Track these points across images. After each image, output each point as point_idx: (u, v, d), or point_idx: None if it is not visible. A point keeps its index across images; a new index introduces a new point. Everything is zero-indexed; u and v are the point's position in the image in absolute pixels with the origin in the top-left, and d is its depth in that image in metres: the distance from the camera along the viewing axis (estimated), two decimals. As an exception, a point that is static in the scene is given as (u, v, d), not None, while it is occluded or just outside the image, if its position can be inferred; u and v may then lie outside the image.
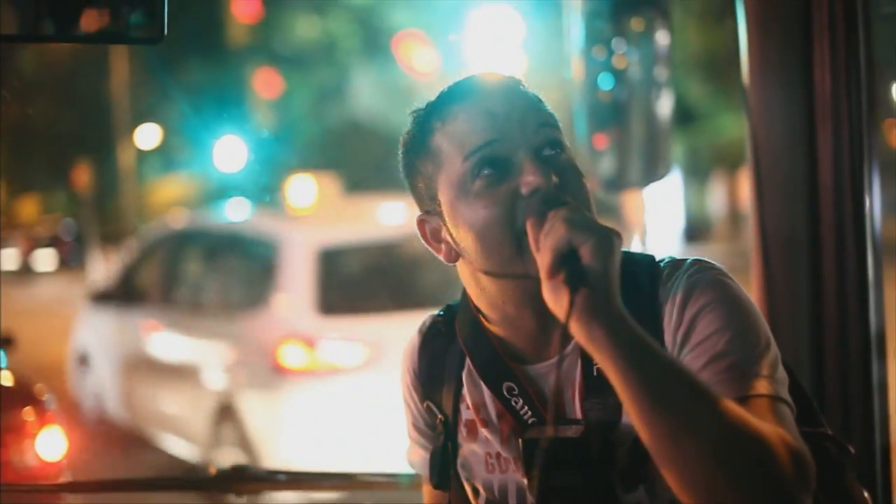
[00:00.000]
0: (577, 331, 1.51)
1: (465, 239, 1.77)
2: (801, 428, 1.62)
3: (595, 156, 2.99)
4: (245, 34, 24.05)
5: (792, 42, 2.59)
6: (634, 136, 2.96)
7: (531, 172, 1.69)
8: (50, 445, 5.14)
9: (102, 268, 24.18)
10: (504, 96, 1.77)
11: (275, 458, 6.84)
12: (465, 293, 1.90)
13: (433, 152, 1.79)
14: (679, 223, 21.44)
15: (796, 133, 2.61)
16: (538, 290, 1.65)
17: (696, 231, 22.40)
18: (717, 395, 1.51)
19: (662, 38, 2.94)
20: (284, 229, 8.05)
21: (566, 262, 1.52)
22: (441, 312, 2.02)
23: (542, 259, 1.55)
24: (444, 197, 1.78)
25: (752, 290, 2.71)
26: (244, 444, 7.32)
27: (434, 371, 1.99)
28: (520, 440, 1.78)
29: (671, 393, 1.50)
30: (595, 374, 1.73)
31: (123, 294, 9.58)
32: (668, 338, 1.71)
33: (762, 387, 1.60)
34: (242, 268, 8.50)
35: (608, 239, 1.54)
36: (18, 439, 5.11)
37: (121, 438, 9.33)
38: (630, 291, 1.60)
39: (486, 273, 1.78)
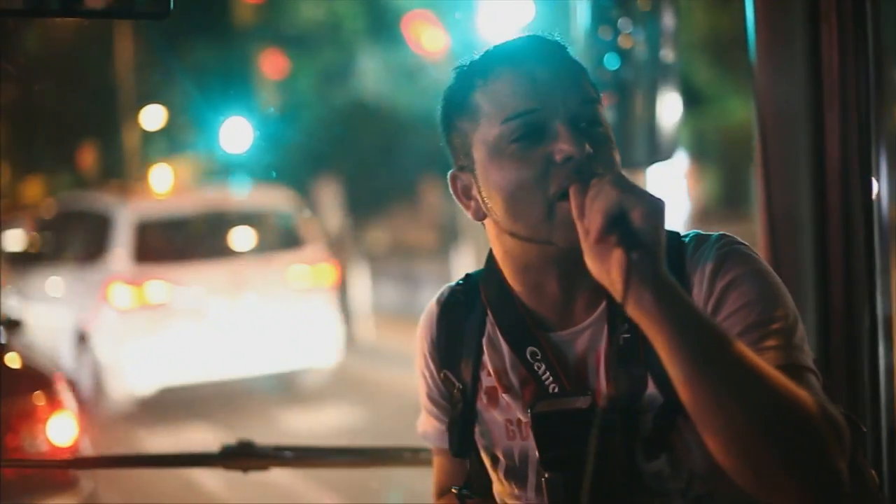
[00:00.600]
0: (627, 294, 1.52)
1: (494, 199, 1.78)
2: None
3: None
4: (251, 14, 23.98)
5: (799, 23, 2.59)
6: (639, 116, 2.96)
7: (566, 140, 1.70)
8: (61, 430, 5.12)
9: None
10: (549, 63, 1.78)
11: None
12: (490, 256, 1.91)
13: (472, 109, 1.80)
14: (686, 205, 21.38)
15: (803, 115, 2.61)
16: (562, 257, 1.69)
17: (703, 213, 22.35)
18: (761, 363, 1.53)
19: (669, 18, 2.93)
20: (118, 206, 11.39)
21: (618, 225, 1.52)
22: (460, 282, 2.03)
23: (593, 222, 1.55)
24: (478, 155, 1.80)
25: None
26: (95, 364, 10.66)
27: (453, 340, 2.00)
28: (528, 413, 1.79)
29: (718, 358, 1.51)
30: (621, 343, 1.74)
31: (28, 257, 13.09)
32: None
33: (795, 357, 1.63)
34: (93, 234, 11.52)
35: (657, 204, 1.55)
36: (29, 424, 5.10)
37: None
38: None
39: (512, 235, 1.80)
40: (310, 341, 11.10)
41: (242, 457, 2.92)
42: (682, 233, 1.83)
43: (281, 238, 11.70)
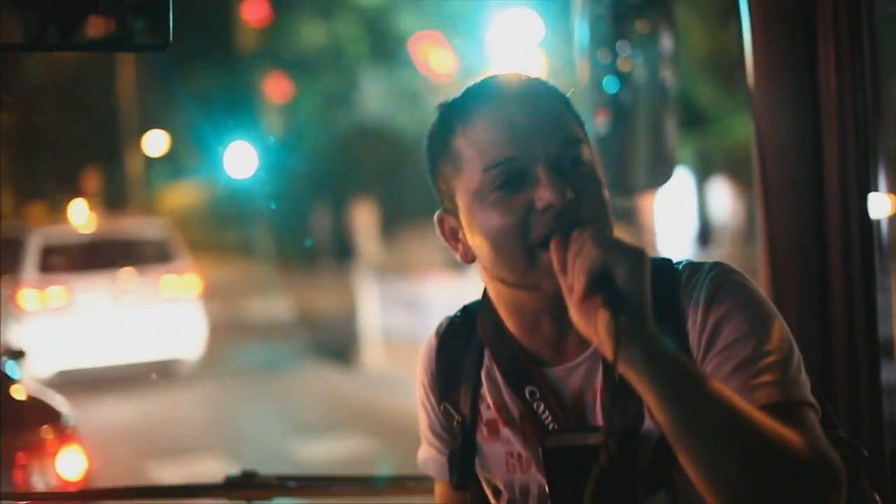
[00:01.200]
0: (616, 355, 1.50)
1: (479, 245, 1.78)
2: None
3: (601, 159, 2.98)
4: (254, 39, 24.03)
5: (796, 44, 2.59)
6: (639, 139, 2.96)
7: (546, 188, 1.68)
8: (71, 464, 4.99)
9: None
10: (528, 104, 1.76)
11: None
12: (486, 293, 1.91)
13: (453, 155, 1.79)
14: (691, 226, 21.35)
15: (802, 135, 2.61)
16: (552, 300, 1.67)
17: (708, 234, 22.31)
18: (751, 412, 1.52)
19: (667, 40, 2.93)
20: (29, 234, 14.45)
21: (603, 286, 1.51)
22: (458, 314, 2.03)
23: (576, 281, 1.54)
24: (461, 201, 1.79)
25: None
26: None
27: (452, 372, 1.99)
28: (540, 448, 1.77)
29: (708, 412, 1.50)
30: (617, 379, 1.73)
31: None
32: (692, 341, 1.72)
33: (790, 392, 1.61)
34: (15, 255, 13.69)
35: (640, 259, 1.53)
36: (38, 459, 4.96)
37: None
38: (655, 294, 1.60)
39: (500, 281, 1.79)
40: (176, 336, 13.98)
41: (246, 487, 2.91)
42: (676, 260, 1.83)
43: (155, 256, 14.70)
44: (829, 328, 2.61)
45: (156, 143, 25.95)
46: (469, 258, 1.83)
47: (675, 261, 1.82)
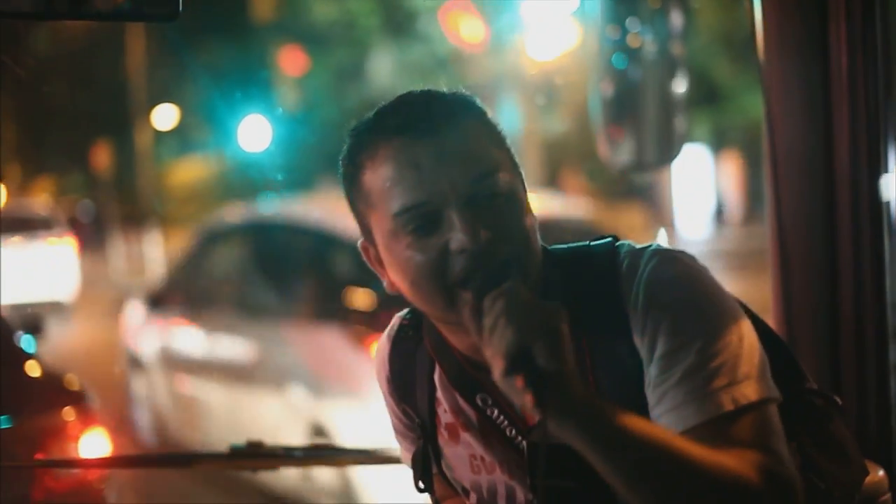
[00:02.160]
0: (546, 428, 1.47)
1: (399, 282, 1.74)
2: (787, 388, 1.64)
3: (609, 136, 2.98)
4: (265, 11, 23.94)
5: (808, 20, 2.58)
6: (648, 115, 2.95)
7: (460, 230, 1.63)
8: (94, 447, 4.70)
9: (121, 249, 24.24)
10: (436, 138, 1.68)
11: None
12: None
13: (364, 192, 1.74)
14: (708, 203, 21.30)
15: (813, 114, 2.60)
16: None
17: (723, 212, 22.24)
18: (695, 455, 1.50)
19: (677, 16, 2.92)
20: None
21: (523, 365, 1.45)
22: (408, 314, 1.99)
23: (493, 360, 1.48)
24: (378, 238, 1.74)
25: (769, 272, 2.71)
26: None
27: (407, 375, 1.97)
28: (524, 443, 1.76)
29: (650, 468, 1.50)
30: None
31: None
32: (636, 340, 1.68)
33: (742, 396, 1.59)
34: None
35: (556, 331, 1.47)
36: (60, 442, 4.73)
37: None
38: (594, 293, 1.61)
39: (425, 314, 1.78)
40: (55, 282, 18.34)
41: (252, 456, 2.92)
42: (617, 242, 1.78)
43: (40, 224, 19.63)
44: (837, 309, 2.61)
45: (165, 116, 25.91)
46: (394, 288, 1.78)
47: (617, 242, 1.78)
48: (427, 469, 1.95)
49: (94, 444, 4.70)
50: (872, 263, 2.55)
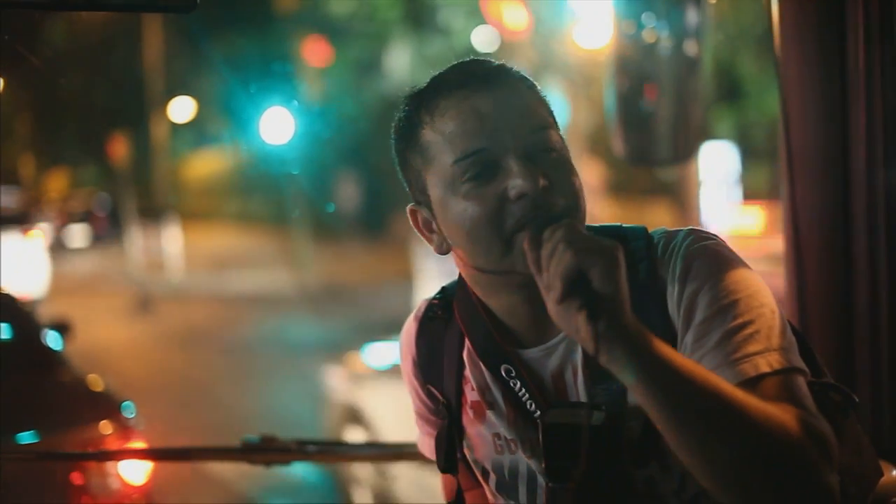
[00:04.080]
0: (598, 353, 1.49)
1: (454, 235, 1.78)
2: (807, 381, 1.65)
3: (624, 130, 2.98)
4: (287, 1, 23.91)
5: (825, 17, 2.57)
6: (663, 111, 2.95)
7: (519, 176, 1.68)
8: (135, 465, 4.39)
9: (138, 243, 24.26)
10: (495, 91, 1.75)
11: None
12: (461, 277, 1.91)
13: (422, 146, 1.78)
14: (735, 200, 21.19)
15: (829, 109, 2.59)
16: (528, 282, 1.66)
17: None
18: (737, 395, 1.51)
19: (693, 12, 2.92)
20: None
21: (579, 289, 1.49)
22: (438, 295, 2.03)
23: (552, 285, 1.52)
24: (433, 192, 1.78)
25: (784, 268, 2.71)
26: None
27: (434, 355, 2.00)
28: (539, 424, 1.75)
29: (697, 404, 1.49)
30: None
31: None
32: (671, 312, 1.72)
33: (776, 361, 1.61)
34: None
35: (614, 257, 1.51)
36: (97, 460, 4.37)
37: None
38: (630, 271, 1.58)
39: (476, 268, 1.79)
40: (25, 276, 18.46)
41: (265, 451, 2.93)
42: (651, 230, 1.82)
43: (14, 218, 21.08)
44: (852, 306, 2.60)
45: (182, 109, 25.98)
46: (444, 249, 1.83)
47: (650, 230, 1.82)
48: (451, 450, 1.97)
49: (136, 467, 4.38)
50: (888, 260, 2.55)
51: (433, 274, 13.82)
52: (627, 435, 1.73)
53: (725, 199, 20.53)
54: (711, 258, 1.71)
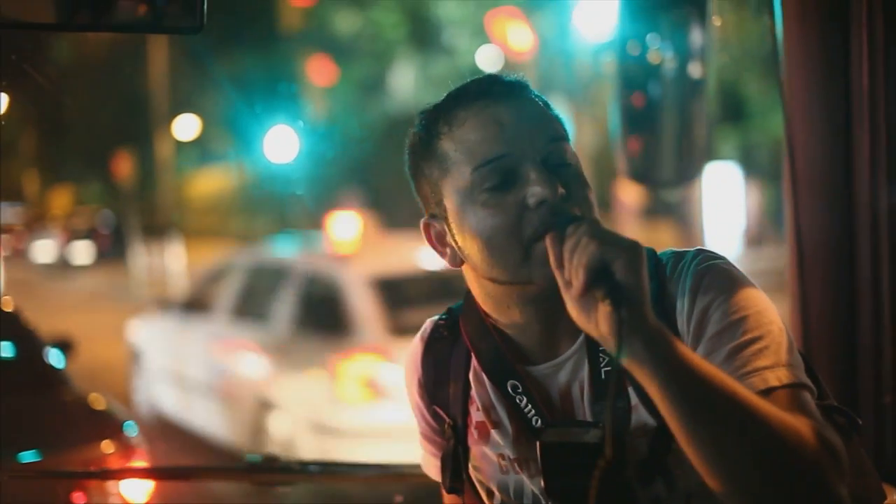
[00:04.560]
0: (621, 348, 1.49)
1: (470, 246, 1.77)
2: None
3: (628, 151, 2.98)
4: (292, 21, 23.98)
5: (829, 39, 2.58)
6: (667, 133, 2.95)
7: (538, 183, 1.69)
8: (136, 485, 4.22)
9: (142, 261, 24.28)
10: (513, 104, 1.76)
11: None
12: (469, 293, 1.91)
13: (440, 157, 1.79)
14: (740, 222, 21.19)
15: (833, 131, 2.60)
16: (542, 295, 1.69)
17: (756, 231, 22.08)
18: (755, 399, 1.52)
19: (698, 33, 2.92)
20: None
21: (602, 279, 1.50)
22: (444, 316, 2.03)
23: (574, 276, 1.53)
24: (449, 203, 1.79)
25: (788, 289, 2.71)
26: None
27: (440, 375, 1.99)
28: (537, 443, 1.76)
29: (710, 401, 1.49)
30: (603, 376, 1.75)
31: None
32: (681, 329, 1.72)
33: (784, 376, 1.61)
34: None
35: (637, 251, 1.52)
36: (99, 479, 4.22)
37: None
38: None
39: (491, 280, 1.79)
40: None
41: (268, 471, 2.93)
42: (659, 252, 1.82)
43: None
44: (855, 325, 2.60)
45: (186, 127, 26.03)
46: (457, 262, 1.84)
47: (658, 252, 1.82)
48: (457, 470, 1.97)
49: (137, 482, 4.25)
50: (891, 281, 2.55)
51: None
52: (633, 453, 1.73)
53: (729, 219, 20.54)
54: (720, 276, 1.72)
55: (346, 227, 9.85)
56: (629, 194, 18.57)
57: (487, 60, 19.11)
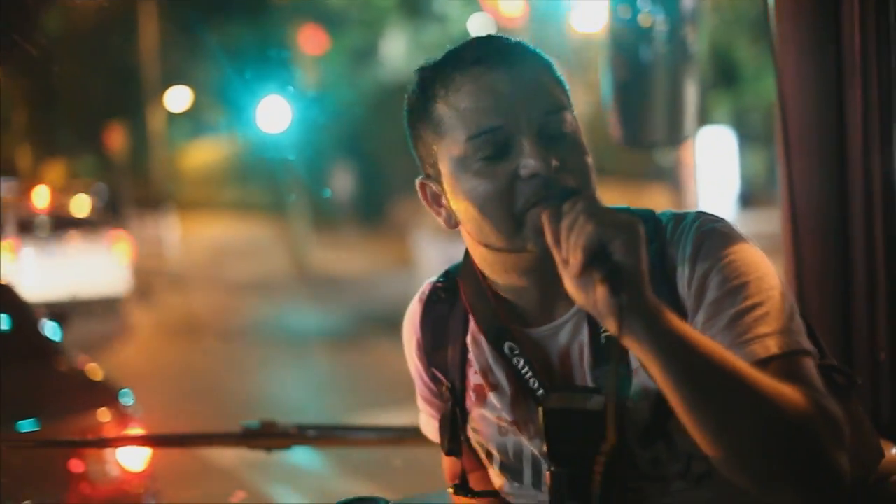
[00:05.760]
0: (620, 328, 1.49)
1: (463, 212, 1.78)
2: None
3: (620, 114, 2.98)
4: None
5: (820, 2, 2.58)
6: (657, 95, 2.95)
7: (531, 155, 1.68)
8: (133, 452, 4.36)
9: (136, 233, 24.22)
10: (512, 70, 1.74)
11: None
12: (467, 254, 1.91)
13: (435, 120, 1.78)
14: (733, 186, 21.15)
15: (825, 95, 2.59)
16: (537, 261, 1.69)
17: (749, 194, 22.07)
18: (754, 374, 1.52)
19: (689, -4, 2.92)
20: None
21: (601, 260, 1.49)
22: (441, 278, 2.03)
23: (572, 256, 1.52)
24: (444, 167, 1.78)
25: (782, 254, 2.71)
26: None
27: (438, 338, 2.00)
28: (539, 409, 1.76)
29: (713, 379, 1.50)
30: (602, 341, 1.75)
31: None
32: (682, 292, 1.72)
33: (786, 343, 1.61)
34: None
35: (635, 230, 1.51)
36: (96, 447, 4.33)
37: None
38: None
39: (486, 246, 1.79)
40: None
41: (265, 436, 2.93)
42: (658, 212, 1.82)
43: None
44: (849, 285, 2.61)
45: (178, 98, 25.94)
46: (452, 223, 1.84)
47: (657, 212, 1.82)
48: (455, 432, 1.97)
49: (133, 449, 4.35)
50: (885, 242, 2.55)
51: (431, 261, 13.79)
52: (634, 415, 1.74)
53: (723, 183, 20.51)
54: (722, 240, 1.72)
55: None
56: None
57: (479, 27, 19.02)
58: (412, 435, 3.06)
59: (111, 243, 18.59)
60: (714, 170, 20.18)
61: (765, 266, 1.70)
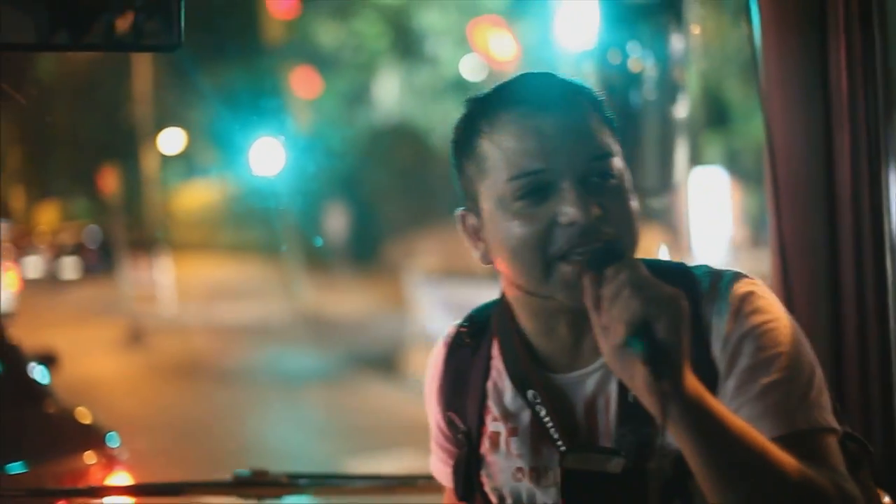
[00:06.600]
0: (657, 414, 1.49)
1: (498, 250, 1.77)
2: None
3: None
4: (275, 33, 23.95)
5: (807, 42, 2.58)
6: (649, 142, 2.96)
7: (571, 202, 1.67)
8: (121, 502, 4.09)
9: (130, 275, 24.20)
10: (558, 112, 1.73)
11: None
12: (503, 293, 1.90)
13: (478, 157, 1.77)
14: (727, 226, 21.20)
15: (813, 135, 2.60)
16: (567, 309, 1.69)
17: (739, 234, 22.12)
18: (780, 456, 1.53)
19: (678, 41, 2.94)
20: None
21: (643, 339, 1.47)
22: (465, 322, 2.02)
23: (613, 328, 1.50)
24: (484, 204, 1.77)
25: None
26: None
27: (458, 382, 1.99)
28: (559, 469, 1.76)
29: (741, 462, 1.51)
30: (631, 399, 1.71)
31: None
32: (715, 353, 1.71)
33: (814, 419, 1.63)
34: None
35: (679, 308, 1.50)
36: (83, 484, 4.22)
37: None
38: None
39: (517, 287, 1.79)
40: None
41: (256, 485, 2.91)
42: (692, 265, 1.81)
43: None
44: (839, 329, 2.60)
45: (172, 141, 25.98)
46: (487, 259, 1.82)
47: (691, 266, 1.81)
48: (469, 477, 1.96)
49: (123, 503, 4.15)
50: (875, 284, 2.55)
51: (424, 303, 13.70)
52: (654, 474, 1.72)
53: (717, 224, 20.55)
54: (760, 305, 1.72)
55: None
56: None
57: (471, 70, 19.10)
58: (405, 483, 3.05)
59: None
60: (707, 211, 20.23)
61: (798, 337, 1.71)
